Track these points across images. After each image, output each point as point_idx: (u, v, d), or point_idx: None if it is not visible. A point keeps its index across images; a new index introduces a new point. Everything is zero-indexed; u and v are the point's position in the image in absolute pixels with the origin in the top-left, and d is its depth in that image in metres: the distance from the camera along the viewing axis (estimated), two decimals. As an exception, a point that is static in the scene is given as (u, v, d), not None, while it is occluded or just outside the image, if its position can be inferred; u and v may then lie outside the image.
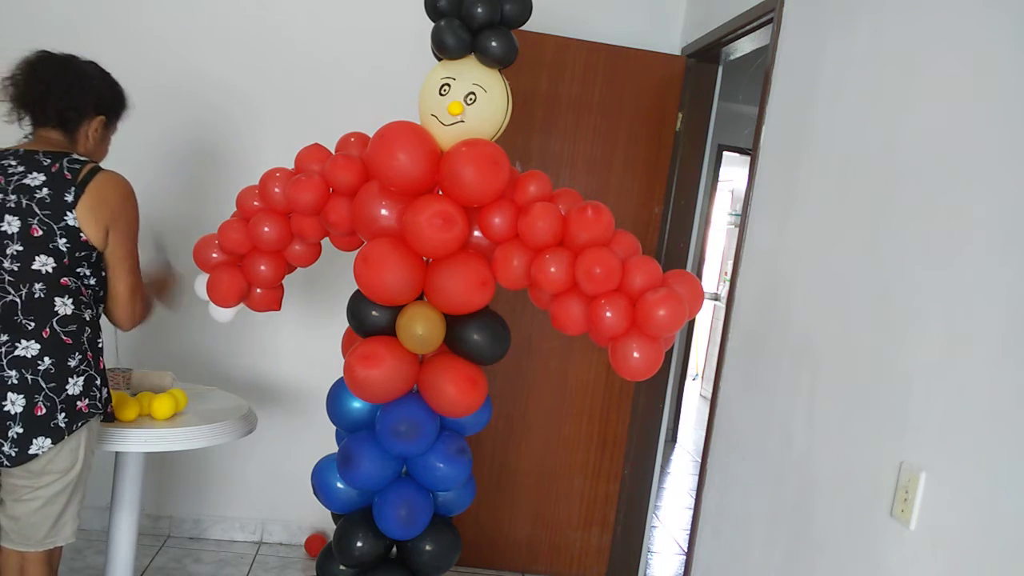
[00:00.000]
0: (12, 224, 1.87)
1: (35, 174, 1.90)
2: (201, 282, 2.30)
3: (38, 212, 1.88)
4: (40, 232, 1.88)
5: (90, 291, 1.98)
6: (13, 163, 1.92)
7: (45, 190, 1.89)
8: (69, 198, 1.90)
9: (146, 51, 3.10)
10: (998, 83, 1.49)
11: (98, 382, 1.96)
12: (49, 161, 1.92)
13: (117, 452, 2.30)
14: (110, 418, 2.04)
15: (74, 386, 1.89)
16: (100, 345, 1.99)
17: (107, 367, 2.37)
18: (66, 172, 1.91)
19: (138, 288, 2.06)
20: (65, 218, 1.89)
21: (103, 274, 2.01)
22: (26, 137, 2.02)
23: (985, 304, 1.44)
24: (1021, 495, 1.32)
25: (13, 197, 1.88)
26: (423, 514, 2.14)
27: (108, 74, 2.09)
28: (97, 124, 2.05)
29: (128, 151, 2.25)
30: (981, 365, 1.43)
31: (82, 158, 1.97)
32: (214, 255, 2.27)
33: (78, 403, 1.89)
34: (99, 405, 1.95)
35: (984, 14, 1.55)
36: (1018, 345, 1.35)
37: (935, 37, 1.69)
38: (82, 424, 1.91)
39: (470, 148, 1.95)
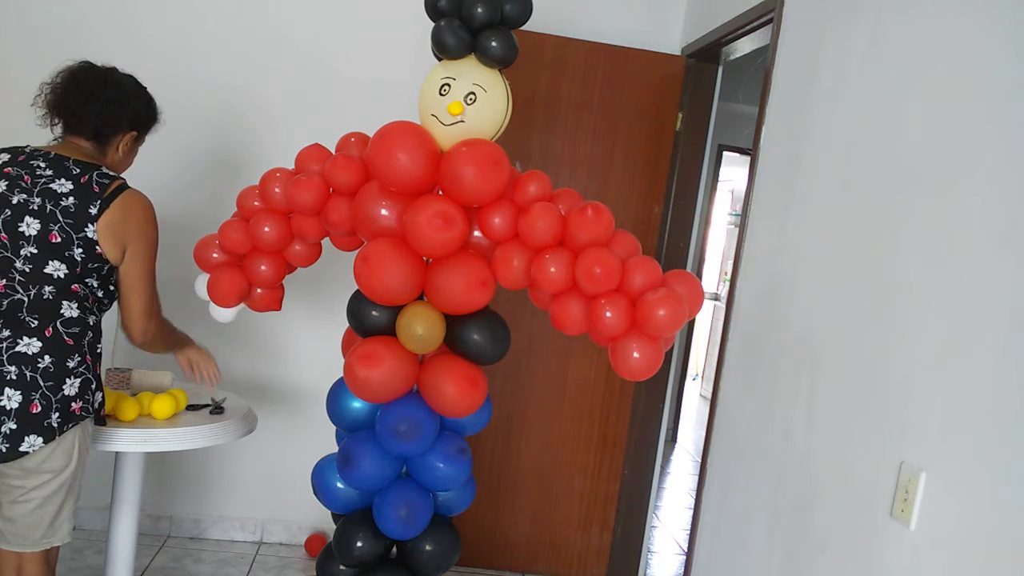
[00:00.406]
0: (31, 226, 1.88)
1: (63, 181, 1.92)
2: (201, 282, 2.30)
3: (60, 219, 1.89)
4: (59, 239, 1.89)
5: (94, 301, 1.99)
6: (42, 165, 1.93)
7: (71, 199, 1.90)
8: (93, 211, 1.91)
9: (146, 52, 3.10)
10: (998, 83, 1.49)
11: (93, 386, 1.96)
12: (79, 171, 1.94)
13: (117, 452, 2.29)
14: (101, 422, 2.04)
15: (71, 387, 1.89)
16: (99, 351, 2.00)
17: (108, 367, 2.38)
18: (95, 185, 1.93)
19: (152, 306, 2.07)
20: (86, 230, 1.91)
21: (111, 287, 2.02)
22: (55, 139, 2.04)
23: (985, 304, 1.44)
24: (1021, 495, 1.32)
25: (37, 200, 1.89)
26: (423, 514, 2.14)
27: (144, 89, 2.13)
28: (128, 139, 2.08)
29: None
30: (981, 365, 1.43)
31: (111, 173, 1.99)
32: (214, 255, 2.28)
33: (72, 404, 1.89)
34: (91, 409, 1.95)
35: (984, 14, 1.55)
36: (1018, 345, 1.35)
37: (935, 37, 1.69)
38: (74, 425, 1.90)
39: (470, 148, 1.95)
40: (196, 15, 3.17)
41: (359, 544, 2.16)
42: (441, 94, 1.99)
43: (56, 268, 1.90)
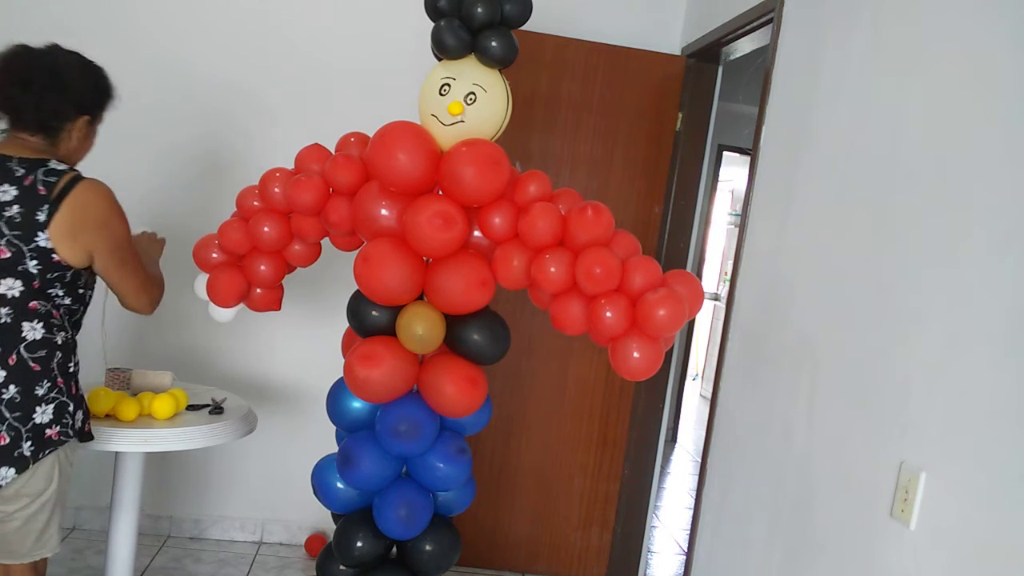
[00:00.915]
0: None
1: (5, 187, 1.74)
2: (201, 282, 2.30)
3: (6, 232, 1.72)
4: (8, 254, 1.73)
5: (64, 311, 1.85)
6: None
7: (15, 207, 1.72)
8: (41, 217, 1.73)
9: (145, 52, 3.11)
10: (998, 83, 1.49)
11: (71, 408, 1.83)
12: (23, 171, 1.75)
13: (117, 452, 2.29)
14: (88, 437, 1.93)
15: (42, 414, 1.76)
16: (72, 369, 1.86)
17: (108, 367, 2.37)
18: (40, 186, 1.74)
19: (146, 282, 1.96)
20: (36, 239, 1.74)
21: (80, 290, 1.88)
22: (1, 133, 1.85)
23: (985, 303, 1.44)
24: (1021, 495, 1.32)
25: None
26: (423, 514, 2.14)
27: (90, 65, 1.91)
28: (81, 124, 1.89)
29: (133, 154, 2.24)
30: (981, 365, 1.43)
31: (60, 167, 1.80)
32: (214, 255, 2.27)
33: (47, 431, 1.77)
34: (71, 432, 1.83)
35: (984, 14, 1.55)
36: (1018, 345, 1.35)
37: (935, 37, 1.69)
38: (51, 451, 1.79)
39: (470, 148, 1.95)
40: (196, 14, 3.16)
41: (359, 544, 2.16)
42: (441, 94, 1.98)
43: (10, 287, 1.74)
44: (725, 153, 5.95)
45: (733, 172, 7.09)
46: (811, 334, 2.03)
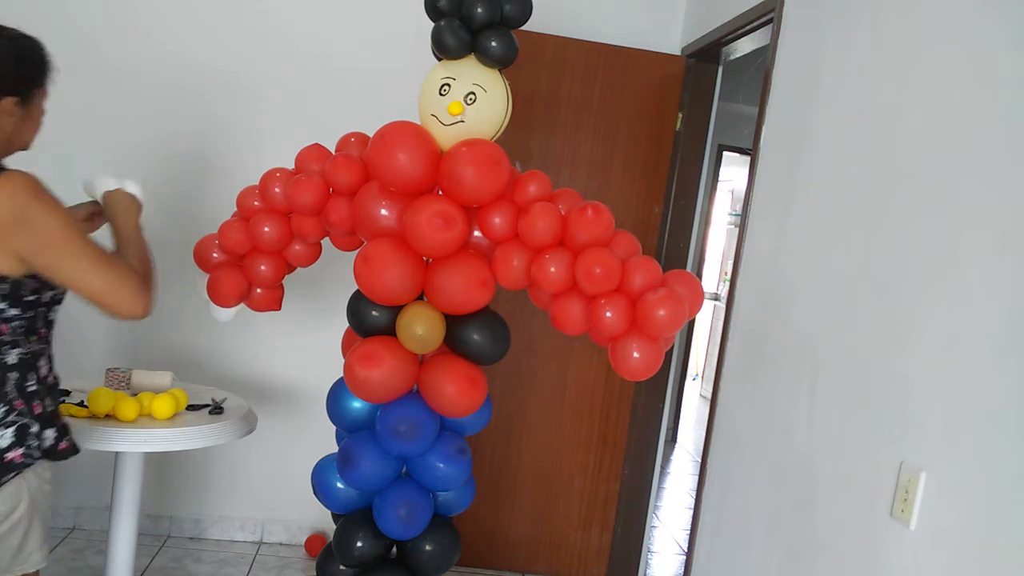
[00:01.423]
0: None
1: None
2: (202, 282, 2.30)
3: None
4: None
5: (16, 324, 1.63)
6: None
7: None
8: None
9: (146, 51, 3.10)
10: (998, 83, 1.49)
11: (35, 428, 1.66)
12: None
13: (117, 452, 2.29)
14: (64, 455, 1.73)
15: (1, 439, 1.61)
16: (33, 388, 1.66)
17: (108, 367, 2.37)
18: None
19: (120, 276, 1.61)
20: None
21: (26, 299, 1.63)
22: None
23: (985, 304, 1.44)
24: (1021, 495, 1.32)
25: None
26: (423, 514, 2.14)
27: (16, 41, 1.67)
28: (8, 107, 1.61)
29: (132, 152, 2.23)
30: (981, 365, 1.43)
31: None
32: (215, 255, 2.28)
33: (8, 455, 1.61)
34: (37, 453, 1.66)
35: (984, 14, 1.55)
36: (1018, 345, 1.35)
37: (935, 37, 1.69)
38: (15, 475, 1.63)
39: (470, 148, 1.95)
40: (196, 14, 3.16)
41: (359, 544, 2.16)
42: (441, 94, 1.99)
43: None
44: (725, 153, 5.95)
45: (733, 172, 7.09)
46: (811, 334, 2.03)
